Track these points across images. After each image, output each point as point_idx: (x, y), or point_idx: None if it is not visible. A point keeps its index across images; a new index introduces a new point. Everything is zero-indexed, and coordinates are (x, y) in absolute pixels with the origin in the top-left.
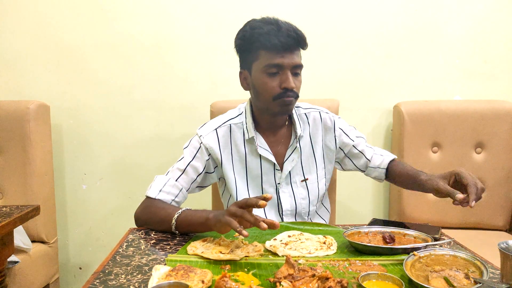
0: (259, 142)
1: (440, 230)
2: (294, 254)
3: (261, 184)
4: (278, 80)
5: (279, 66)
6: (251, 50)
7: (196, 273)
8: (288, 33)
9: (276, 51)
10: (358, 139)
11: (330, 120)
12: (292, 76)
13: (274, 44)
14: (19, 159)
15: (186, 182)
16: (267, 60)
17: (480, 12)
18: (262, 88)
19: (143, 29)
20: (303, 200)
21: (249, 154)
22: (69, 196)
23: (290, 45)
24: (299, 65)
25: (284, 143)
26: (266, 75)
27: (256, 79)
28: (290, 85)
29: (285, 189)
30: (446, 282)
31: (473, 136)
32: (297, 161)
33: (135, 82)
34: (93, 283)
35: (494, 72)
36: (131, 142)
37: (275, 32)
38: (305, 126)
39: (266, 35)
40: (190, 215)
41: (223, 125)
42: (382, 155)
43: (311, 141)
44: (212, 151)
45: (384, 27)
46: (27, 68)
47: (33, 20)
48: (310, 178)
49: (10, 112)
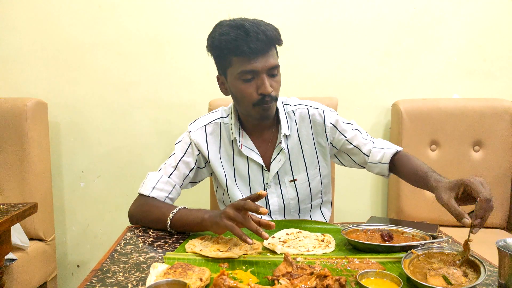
0: (244, 143)
1: (438, 228)
2: (293, 252)
3: (249, 183)
4: (254, 85)
5: (253, 71)
6: (222, 57)
7: (194, 271)
8: (257, 36)
9: (248, 57)
10: (353, 132)
11: (320, 115)
12: (268, 78)
13: (243, 50)
14: (16, 156)
15: (178, 178)
16: (240, 67)
17: (479, 10)
18: (239, 95)
19: (142, 27)
20: (292, 200)
21: (237, 154)
22: (66, 193)
23: (260, 49)
24: (275, 66)
25: (272, 143)
26: (241, 81)
27: (232, 86)
28: (267, 90)
29: (274, 189)
30: (444, 280)
31: (472, 134)
32: (283, 161)
33: (133, 80)
34: (90, 281)
35: (493, 70)
36: (129, 140)
37: (244, 38)
38: (292, 124)
39: (235, 42)
40: (186, 214)
41: (213, 122)
42: (383, 149)
43: (299, 139)
44: (199, 147)
45: (383, 25)
46: (25, 65)
47: (31, 17)
48: (299, 178)
49: (7, 109)
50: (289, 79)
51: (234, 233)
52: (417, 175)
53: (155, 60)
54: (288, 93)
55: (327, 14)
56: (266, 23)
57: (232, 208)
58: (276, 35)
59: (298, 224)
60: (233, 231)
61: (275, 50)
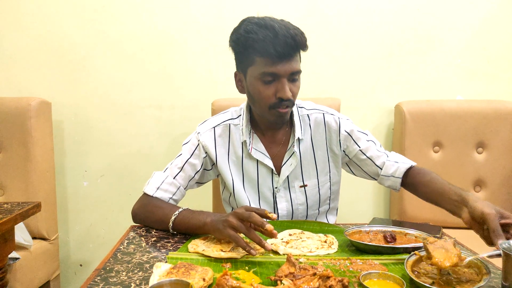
0: (255, 146)
1: (441, 230)
2: (295, 253)
3: (257, 187)
4: (274, 88)
5: (275, 74)
6: (245, 55)
7: (197, 271)
8: (285, 40)
9: (272, 60)
10: (367, 143)
11: (336, 122)
12: (289, 83)
13: (270, 52)
14: (20, 156)
15: (183, 180)
16: (262, 67)
17: (483, 12)
18: (257, 96)
19: (145, 27)
20: (301, 206)
21: (246, 157)
22: (70, 193)
23: (287, 53)
24: (297, 71)
25: (283, 146)
26: (261, 82)
27: (251, 85)
28: (286, 95)
29: (283, 194)
30: (448, 283)
31: (475, 136)
32: (295, 165)
33: (136, 80)
34: (94, 280)
35: (496, 72)
36: (132, 140)
37: (271, 39)
38: (306, 128)
39: (262, 42)
40: (188, 217)
41: (222, 123)
42: (397, 162)
43: (312, 145)
44: (207, 149)
45: (386, 26)
46: (29, 65)
47: (34, 18)
48: (310, 183)
49: (11, 109)
50: None
51: (239, 244)
52: (437, 192)
53: (158, 60)
54: None
55: (331, 15)
56: (294, 26)
57: (236, 218)
58: (303, 41)
59: (301, 225)
60: (237, 242)
61: (299, 55)
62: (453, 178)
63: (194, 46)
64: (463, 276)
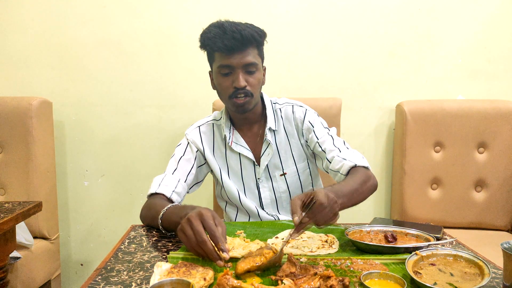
0: (235, 140)
1: (442, 230)
2: (296, 253)
3: (241, 179)
4: (231, 79)
5: (230, 66)
6: (208, 53)
7: (198, 270)
8: (232, 35)
9: (225, 53)
10: (326, 136)
11: (302, 113)
12: (244, 74)
13: (219, 47)
14: (21, 155)
15: (182, 174)
16: (219, 61)
17: (484, 12)
18: (219, 87)
19: (146, 26)
20: (283, 194)
21: (229, 151)
22: (71, 192)
23: (235, 47)
24: (251, 63)
25: (260, 138)
26: (221, 75)
27: (215, 79)
28: (239, 84)
29: (265, 183)
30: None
31: (476, 136)
32: (272, 155)
33: (137, 79)
34: (95, 279)
35: (497, 72)
36: (133, 139)
37: (220, 35)
38: (279, 120)
39: (213, 39)
40: (171, 213)
41: (206, 123)
42: (344, 159)
43: (286, 134)
44: (196, 145)
45: (387, 26)
46: (30, 65)
47: (35, 17)
48: (289, 171)
49: (12, 108)
50: (293, 79)
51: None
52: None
53: (159, 60)
54: (292, 93)
55: (331, 14)
56: (248, 24)
57: (198, 219)
58: (253, 35)
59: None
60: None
61: (256, 50)
62: (454, 178)
63: (194, 46)
64: (464, 276)
